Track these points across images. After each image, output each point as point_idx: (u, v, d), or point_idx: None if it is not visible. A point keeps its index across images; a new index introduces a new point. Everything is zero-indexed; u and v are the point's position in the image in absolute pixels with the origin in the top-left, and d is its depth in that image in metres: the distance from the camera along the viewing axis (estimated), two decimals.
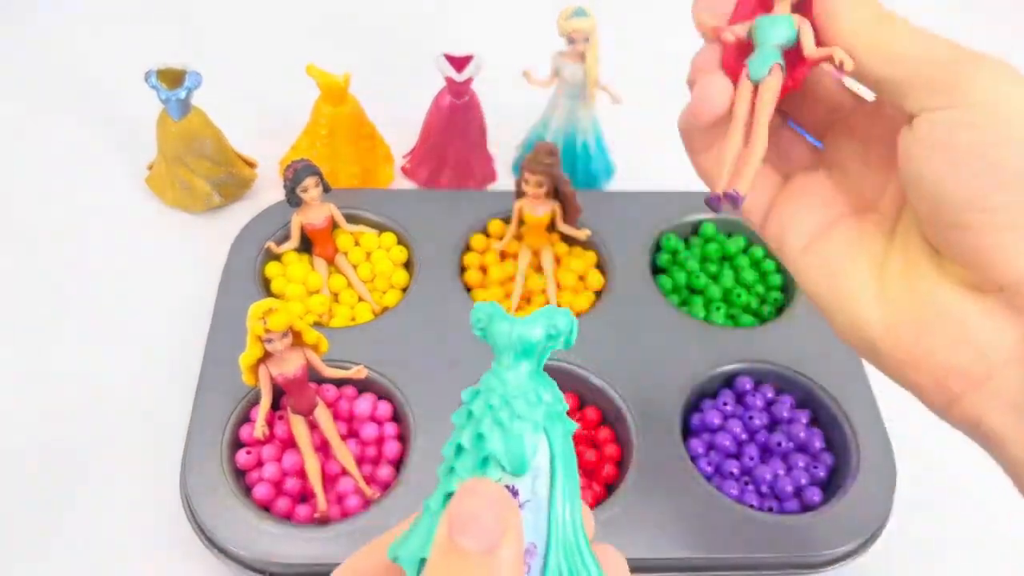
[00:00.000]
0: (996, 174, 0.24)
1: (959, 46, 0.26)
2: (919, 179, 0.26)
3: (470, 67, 0.58)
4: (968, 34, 0.31)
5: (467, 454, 0.21)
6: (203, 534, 0.43)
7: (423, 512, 0.22)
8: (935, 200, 0.26)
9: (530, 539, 0.21)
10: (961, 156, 0.25)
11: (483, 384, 0.22)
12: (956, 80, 0.25)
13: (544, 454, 0.21)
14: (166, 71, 0.56)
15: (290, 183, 0.52)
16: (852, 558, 0.44)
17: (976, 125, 0.24)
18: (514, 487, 0.21)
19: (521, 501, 0.21)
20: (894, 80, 0.26)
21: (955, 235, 0.26)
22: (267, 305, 0.42)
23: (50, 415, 0.51)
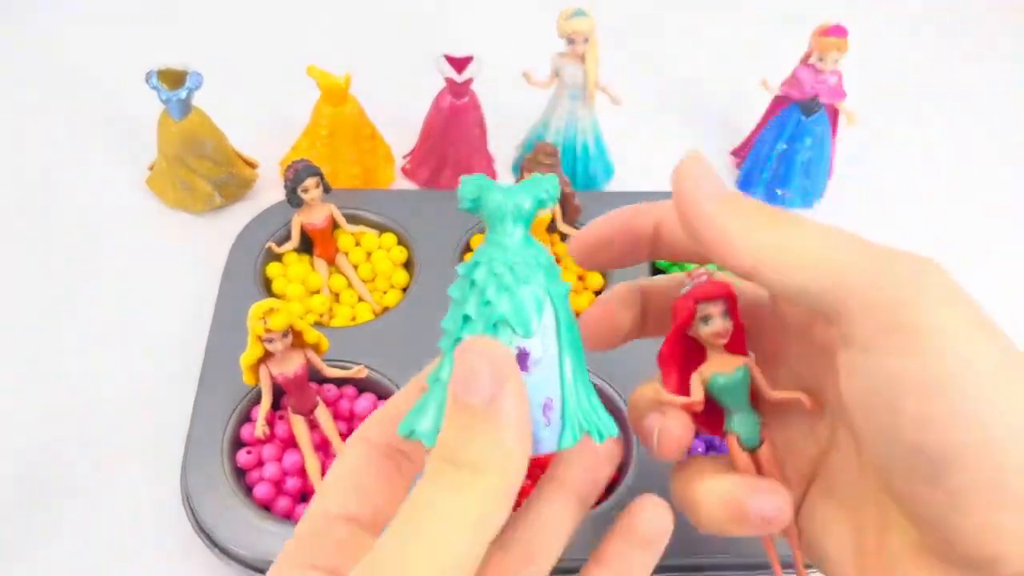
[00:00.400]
0: (945, 455, 0.19)
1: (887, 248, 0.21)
2: (858, 433, 0.22)
3: (470, 68, 0.58)
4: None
5: (474, 323, 0.22)
6: (203, 533, 0.43)
7: (432, 386, 0.22)
8: (882, 465, 0.21)
9: (547, 395, 0.22)
10: (909, 427, 0.20)
11: (481, 255, 0.22)
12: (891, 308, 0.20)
13: (549, 314, 0.22)
14: (167, 71, 0.56)
15: (291, 183, 0.52)
16: None
17: (920, 392, 0.20)
18: (525, 349, 0.22)
19: (535, 360, 0.22)
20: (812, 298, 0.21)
21: (912, 505, 0.21)
22: (268, 305, 0.42)
23: (50, 414, 0.51)
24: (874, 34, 0.77)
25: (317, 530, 0.23)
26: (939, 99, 0.78)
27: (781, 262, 0.21)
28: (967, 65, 0.82)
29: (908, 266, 0.20)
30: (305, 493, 0.46)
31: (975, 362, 0.19)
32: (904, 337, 0.20)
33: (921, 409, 0.20)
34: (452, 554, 0.18)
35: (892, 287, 0.20)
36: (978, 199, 0.69)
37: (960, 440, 0.19)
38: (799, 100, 0.61)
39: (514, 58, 0.63)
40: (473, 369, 0.20)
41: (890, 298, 0.20)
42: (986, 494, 0.19)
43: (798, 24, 0.64)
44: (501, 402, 0.19)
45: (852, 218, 0.31)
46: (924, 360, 0.19)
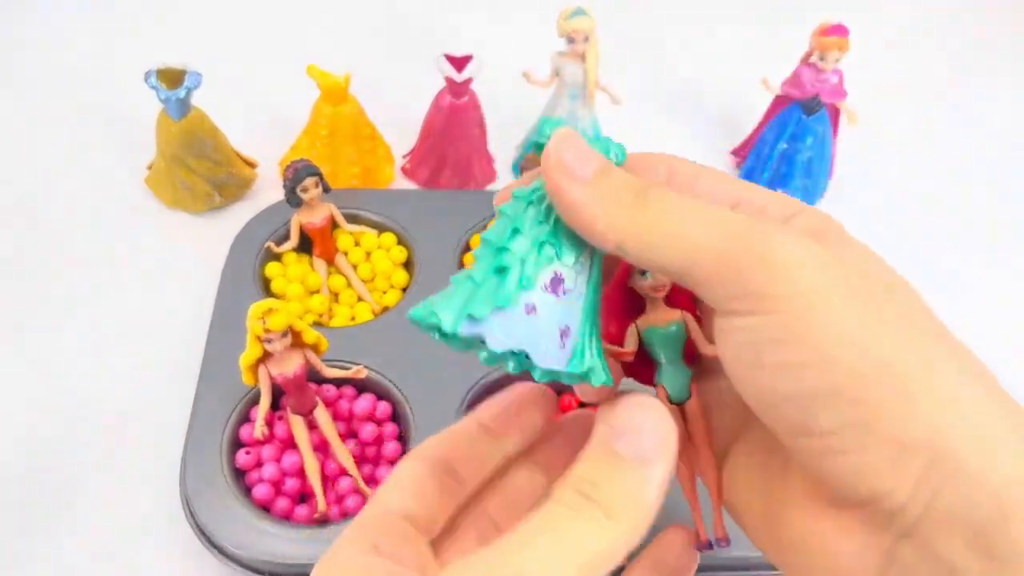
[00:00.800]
0: (813, 400, 0.20)
1: (746, 218, 0.21)
2: (740, 394, 0.22)
3: (470, 67, 0.58)
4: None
5: (523, 237, 0.22)
6: (203, 534, 0.43)
7: (459, 283, 0.22)
8: (764, 418, 0.22)
9: (568, 323, 0.22)
10: (771, 380, 0.21)
11: (534, 185, 0.23)
12: (748, 274, 0.20)
13: (588, 258, 0.23)
14: (166, 71, 0.56)
15: (290, 183, 0.52)
16: None
17: (780, 341, 0.20)
18: (561, 275, 0.22)
19: (565, 288, 0.22)
20: (680, 271, 0.21)
21: (796, 455, 0.22)
22: (267, 305, 0.42)
23: (50, 414, 0.50)
24: (875, 33, 0.76)
25: (379, 520, 0.23)
26: (940, 98, 0.78)
27: (642, 243, 0.22)
28: (968, 64, 0.82)
29: (760, 229, 0.21)
30: (304, 494, 0.46)
31: (828, 302, 0.20)
32: (754, 299, 0.20)
33: (779, 359, 0.20)
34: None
35: (745, 253, 0.20)
36: (978, 198, 0.69)
37: (819, 384, 0.20)
38: (800, 99, 0.61)
39: (514, 58, 0.63)
40: (638, 425, 0.21)
41: (744, 264, 0.20)
42: (854, 432, 0.20)
43: (798, 24, 0.64)
44: (657, 468, 0.20)
45: (853, 217, 0.31)
46: (781, 313, 0.20)
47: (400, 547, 0.23)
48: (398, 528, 0.23)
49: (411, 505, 0.24)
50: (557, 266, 0.22)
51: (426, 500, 0.24)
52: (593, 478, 0.20)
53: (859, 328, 0.20)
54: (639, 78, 0.68)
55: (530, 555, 0.19)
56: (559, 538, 0.19)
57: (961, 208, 0.68)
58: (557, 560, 0.19)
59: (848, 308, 0.20)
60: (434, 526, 0.24)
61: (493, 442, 0.26)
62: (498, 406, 0.26)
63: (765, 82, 0.63)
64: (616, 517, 0.20)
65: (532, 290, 0.22)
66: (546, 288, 0.22)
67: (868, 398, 0.19)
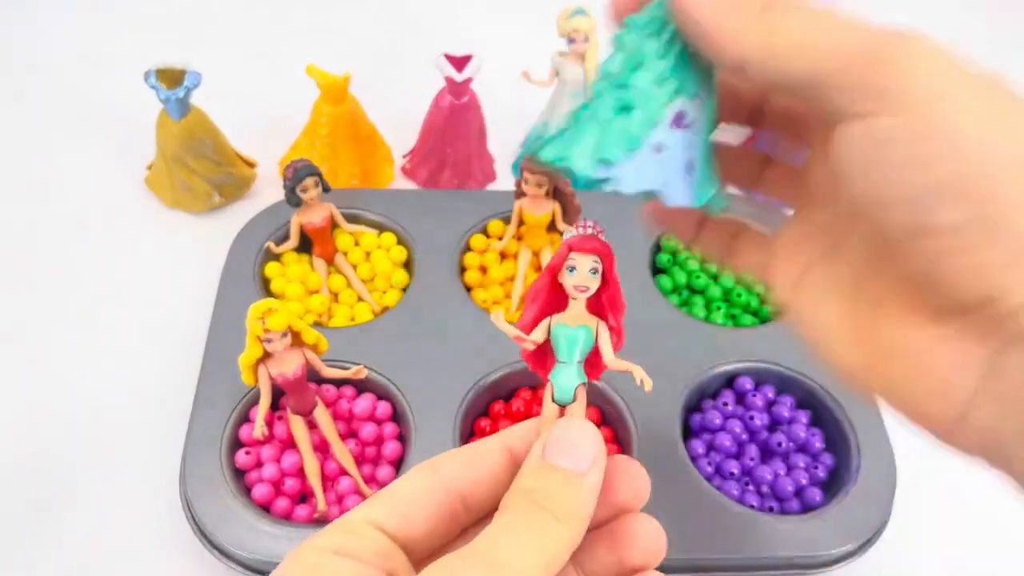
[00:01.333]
0: (940, 195, 0.20)
1: (874, 27, 0.21)
2: (856, 200, 0.23)
3: (470, 67, 0.58)
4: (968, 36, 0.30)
5: (646, 70, 0.22)
6: (203, 534, 0.43)
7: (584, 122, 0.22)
8: (877, 224, 0.22)
9: (692, 155, 0.23)
10: (897, 176, 0.21)
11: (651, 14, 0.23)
12: (879, 75, 0.21)
13: (705, 96, 0.23)
14: (165, 71, 0.56)
15: (290, 183, 0.52)
16: (852, 559, 0.44)
17: (910, 138, 0.20)
18: (684, 110, 0.23)
19: (688, 120, 0.23)
20: (805, 81, 0.22)
21: (904, 261, 0.22)
22: (266, 305, 0.42)
23: (50, 415, 0.50)
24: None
25: (352, 527, 0.23)
26: None
27: (768, 54, 0.22)
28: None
29: (890, 36, 0.21)
30: (304, 494, 0.46)
31: (960, 103, 0.20)
32: (892, 98, 0.21)
33: (910, 153, 0.21)
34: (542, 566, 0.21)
35: (876, 56, 0.21)
36: None
37: (949, 178, 0.20)
38: None
39: (514, 58, 0.63)
40: (576, 443, 0.23)
41: (875, 67, 0.21)
42: (978, 229, 0.20)
43: None
44: (592, 476, 0.23)
45: None
46: (912, 113, 0.20)
47: (369, 554, 0.22)
48: (373, 538, 0.23)
49: (393, 522, 0.23)
50: (680, 101, 0.23)
51: (416, 523, 0.24)
52: (541, 489, 0.23)
53: (991, 128, 0.20)
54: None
55: (500, 555, 0.21)
56: (522, 541, 0.21)
57: None
58: (522, 559, 0.21)
59: (980, 109, 0.20)
60: (421, 548, 0.24)
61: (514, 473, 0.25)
62: (531, 438, 0.25)
63: None
64: (564, 520, 0.22)
65: (659, 128, 0.22)
66: (672, 125, 0.23)
67: (996, 195, 0.20)
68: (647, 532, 0.25)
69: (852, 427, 0.48)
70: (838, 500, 0.45)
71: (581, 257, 0.25)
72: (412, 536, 0.23)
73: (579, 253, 0.25)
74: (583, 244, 0.25)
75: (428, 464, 0.25)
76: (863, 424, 0.48)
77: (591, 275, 0.25)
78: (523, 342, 0.26)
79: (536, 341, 0.26)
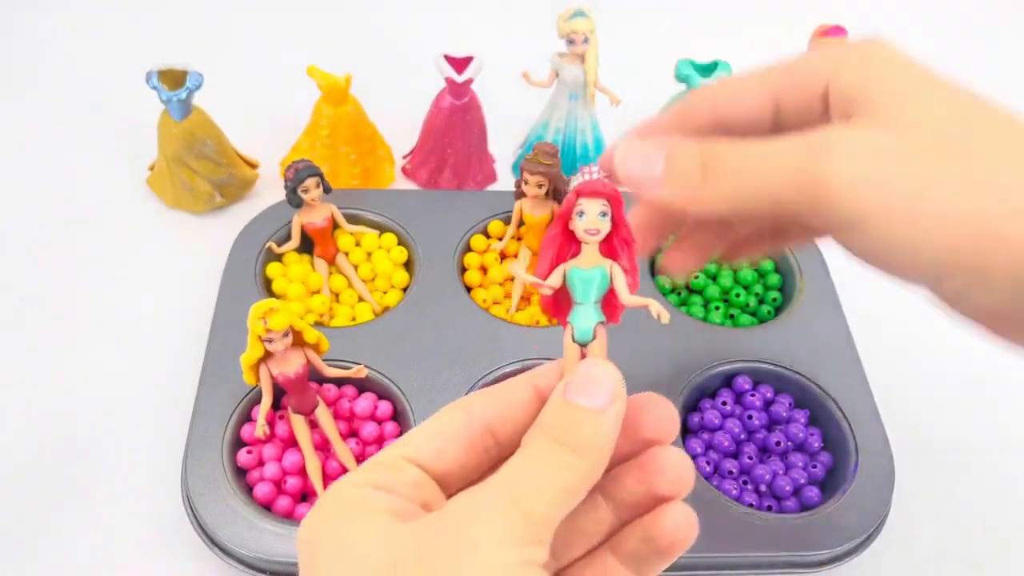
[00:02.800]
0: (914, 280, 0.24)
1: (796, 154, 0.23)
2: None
3: (470, 68, 0.58)
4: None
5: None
6: (204, 533, 0.43)
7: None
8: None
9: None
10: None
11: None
12: (815, 212, 0.23)
13: None
14: (167, 72, 0.56)
15: (291, 183, 0.52)
16: (851, 557, 0.44)
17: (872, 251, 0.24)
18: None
19: None
20: (768, 216, 0.24)
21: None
22: (268, 305, 0.42)
23: (51, 415, 0.51)
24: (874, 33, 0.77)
25: (387, 463, 0.24)
26: None
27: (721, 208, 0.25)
28: (968, 65, 0.82)
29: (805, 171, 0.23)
30: (306, 493, 0.47)
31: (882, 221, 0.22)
32: (835, 227, 0.23)
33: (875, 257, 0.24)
34: (548, 512, 0.22)
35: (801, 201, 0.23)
36: None
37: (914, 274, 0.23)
38: None
39: (514, 59, 0.63)
40: (596, 381, 0.24)
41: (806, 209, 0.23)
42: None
43: (798, 25, 0.64)
44: (612, 413, 0.24)
45: None
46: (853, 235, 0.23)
47: (405, 488, 0.24)
48: (408, 474, 0.24)
49: (427, 456, 0.25)
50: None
51: (447, 457, 0.25)
52: (561, 425, 0.23)
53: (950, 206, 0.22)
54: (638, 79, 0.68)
55: (521, 487, 0.22)
56: (541, 473, 0.23)
57: None
58: (542, 491, 0.22)
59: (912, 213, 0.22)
60: (454, 481, 0.25)
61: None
62: (556, 376, 0.26)
63: None
64: (583, 455, 0.23)
65: None
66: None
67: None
68: (675, 462, 0.26)
69: (850, 426, 0.48)
70: (836, 499, 0.46)
71: (589, 202, 0.26)
72: (445, 470, 0.25)
73: (587, 198, 0.26)
74: (590, 188, 0.26)
75: (459, 403, 0.26)
76: (861, 423, 0.48)
77: (600, 218, 0.26)
78: (540, 288, 0.27)
79: (553, 286, 0.27)
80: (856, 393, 0.50)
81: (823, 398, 0.50)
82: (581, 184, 0.26)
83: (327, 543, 0.22)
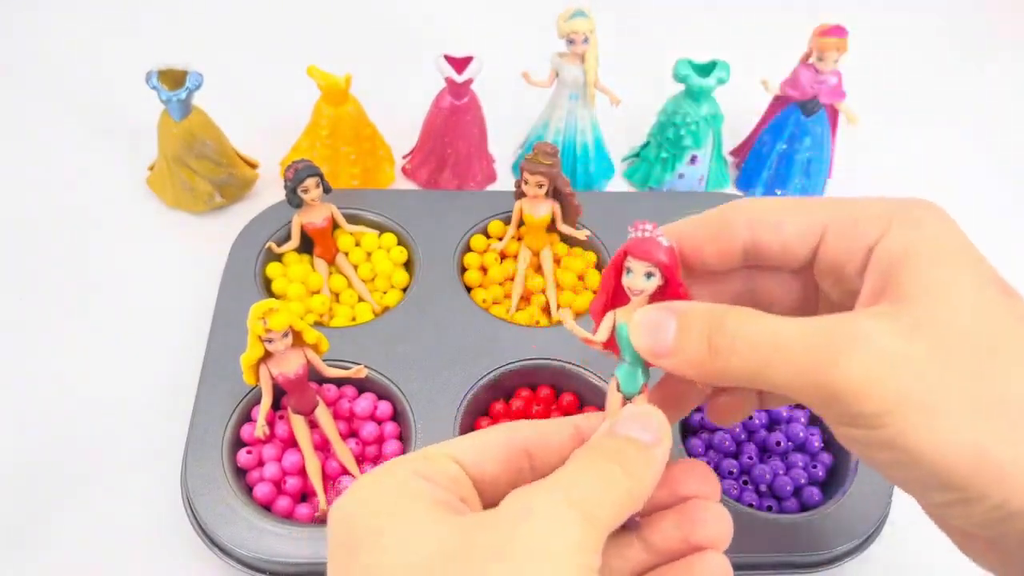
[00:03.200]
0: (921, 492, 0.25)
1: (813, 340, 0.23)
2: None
3: (470, 68, 0.58)
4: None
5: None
6: (204, 533, 0.43)
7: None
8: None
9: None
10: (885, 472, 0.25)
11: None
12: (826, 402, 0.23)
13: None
14: (167, 71, 0.56)
15: (291, 183, 0.52)
16: (851, 557, 0.44)
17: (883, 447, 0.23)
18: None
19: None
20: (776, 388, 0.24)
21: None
22: (268, 305, 0.42)
23: (51, 415, 0.51)
24: (875, 34, 0.77)
25: (432, 457, 0.25)
26: (939, 99, 0.78)
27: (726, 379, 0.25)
28: (968, 65, 0.82)
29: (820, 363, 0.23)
30: (305, 493, 0.47)
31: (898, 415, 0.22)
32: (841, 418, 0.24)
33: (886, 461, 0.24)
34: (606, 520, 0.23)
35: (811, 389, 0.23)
36: (978, 199, 0.69)
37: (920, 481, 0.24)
38: (799, 100, 0.61)
39: (514, 59, 0.63)
40: (643, 419, 0.25)
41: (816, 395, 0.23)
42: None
43: (798, 24, 0.64)
44: (658, 450, 0.25)
45: None
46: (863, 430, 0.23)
47: (444, 479, 0.24)
48: (449, 469, 0.25)
49: (470, 458, 0.26)
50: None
51: (487, 464, 0.26)
52: (613, 447, 0.24)
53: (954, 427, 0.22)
54: (638, 79, 0.68)
55: (576, 492, 0.23)
56: (597, 483, 0.23)
57: (961, 209, 0.68)
58: (602, 497, 0.23)
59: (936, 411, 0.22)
60: (489, 487, 0.26)
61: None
62: (599, 420, 0.27)
63: (764, 83, 0.63)
64: (632, 477, 0.24)
65: None
66: None
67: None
68: (714, 515, 0.26)
69: None
70: (836, 499, 0.46)
71: (636, 262, 0.26)
72: (482, 475, 0.26)
73: (634, 258, 0.26)
74: (635, 250, 0.26)
75: (506, 424, 0.27)
76: None
77: (645, 279, 0.26)
78: (589, 341, 0.27)
79: (601, 341, 0.27)
80: None
81: None
82: (631, 242, 0.26)
83: (371, 522, 0.23)
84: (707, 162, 0.64)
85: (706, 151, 0.64)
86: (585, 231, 0.56)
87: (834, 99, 0.61)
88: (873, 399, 0.22)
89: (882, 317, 0.23)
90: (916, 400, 0.22)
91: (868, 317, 0.23)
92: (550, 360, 0.50)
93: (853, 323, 0.23)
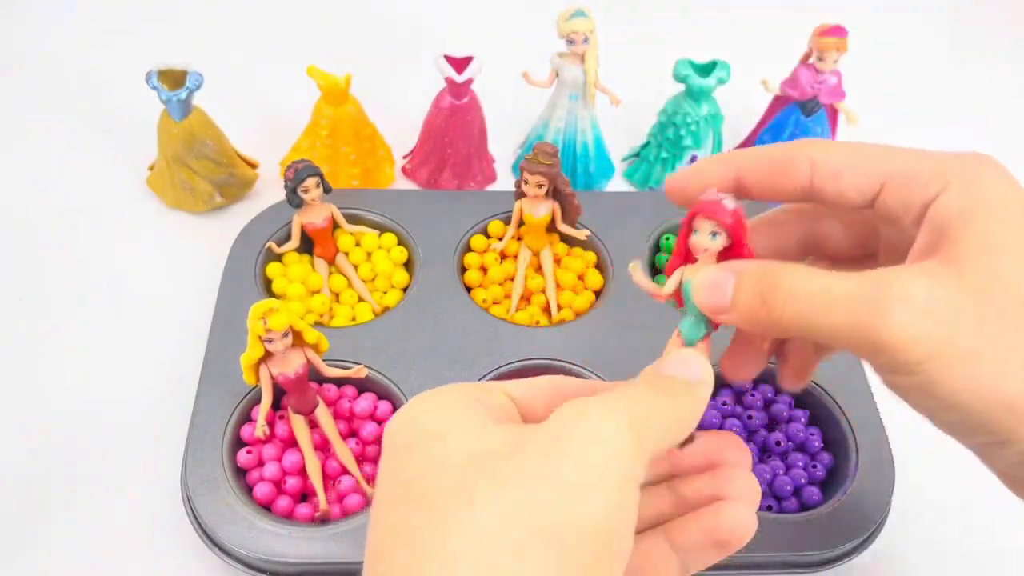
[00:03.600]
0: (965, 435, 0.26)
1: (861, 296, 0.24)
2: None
3: (470, 68, 0.58)
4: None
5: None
6: (204, 533, 0.43)
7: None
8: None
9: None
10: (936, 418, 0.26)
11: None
12: (873, 353, 0.24)
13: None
14: (167, 72, 0.56)
15: (291, 183, 0.52)
16: (851, 557, 0.44)
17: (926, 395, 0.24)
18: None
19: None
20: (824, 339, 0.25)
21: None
22: (268, 305, 0.42)
23: (51, 415, 0.51)
24: (875, 34, 0.77)
25: (482, 385, 0.27)
26: (939, 99, 0.78)
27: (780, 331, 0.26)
28: (968, 65, 0.82)
29: (868, 316, 0.24)
30: (305, 493, 0.47)
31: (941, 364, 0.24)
32: (887, 368, 0.25)
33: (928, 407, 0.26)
34: (652, 436, 0.24)
35: (860, 340, 0.24)
36: None
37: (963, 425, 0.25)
38: (799, 100, 0.61)
39: (514, 59, 0.63)
40: (687, 362, 0.27)
41: (863, 345, 0.24)
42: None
43: (798, 24, 0.64)
44: (700, 391, 0.26)
45: None
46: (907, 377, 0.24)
47: (495, 407, 0.26)
48: (499, 399, 0.27)
49: (520, 391, 0.27)
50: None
51: (534, 401, 0.27)
52: (657, 381, 0.26)
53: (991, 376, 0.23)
54: (638, 79, 0.68)
55: (631, 404, 0.24)
56: (644, 403, 0.24)
57: None
58: (649, 414, 0.24)
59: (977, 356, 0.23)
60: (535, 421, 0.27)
61: None
62: None
63: (764, 83, 0.63)
64: (679, 408, 0.25)
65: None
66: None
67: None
68: (745, 477, 0.28)
69: (850, 426, 0.48)
70: (836, 499, 0.46)
71: (703, 221, 0.27)
72: (529, 412, 0.27)
73: (702, 218, 0.27)
74: (704, 210, 0.27)
75: (554, 375, 0.29)
76: (861, 423, 0.48)
77: (710, 238, 0.27)
78: (654, 293, 0.29)
79: (668, 294, 0.29)
80: (856, 393, 0.50)
81: (823, 398, 0.50)
82: (700, 202, 0.27)
83: (434, 425, 0.24)
84: None
85: (706, 151, 0.64)
86: (585, 231, 0.57)
87: (834, 99, 0.61)
88: (913, 349, 0.23)
89: (930, 274, 0.24)
90: (955, 348, 0.23)
91: (916, 273, 0.24)
92: (550, 360, 0.50)
93: (899, 279, 0.24)
